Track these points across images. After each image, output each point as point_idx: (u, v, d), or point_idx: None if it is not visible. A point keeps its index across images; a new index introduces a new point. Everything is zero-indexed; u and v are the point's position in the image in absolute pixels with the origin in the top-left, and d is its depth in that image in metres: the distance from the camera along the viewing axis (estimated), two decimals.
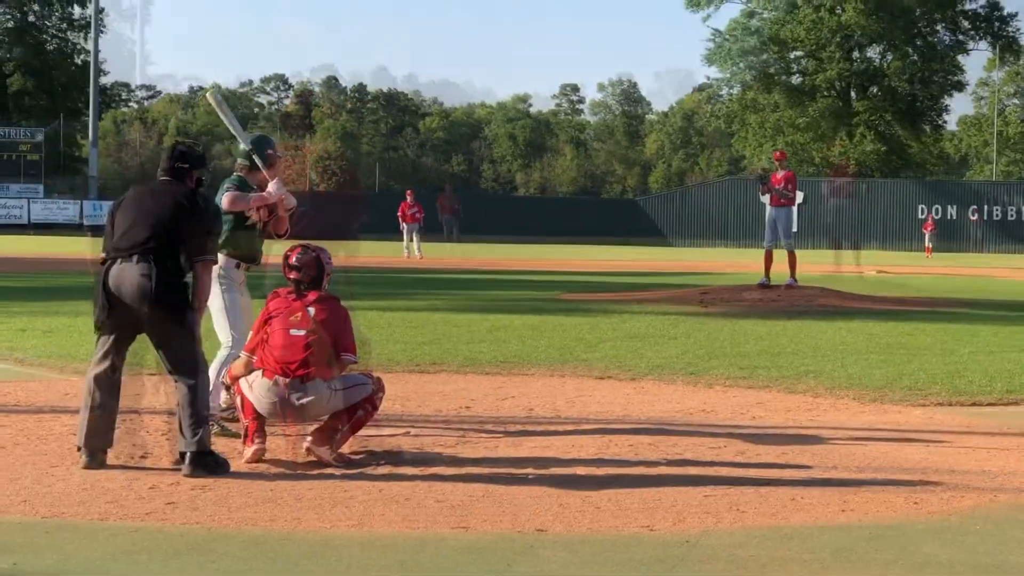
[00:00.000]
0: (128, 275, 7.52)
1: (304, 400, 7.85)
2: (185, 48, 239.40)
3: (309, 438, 7.94)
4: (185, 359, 7.63)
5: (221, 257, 8.66)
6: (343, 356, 8.04)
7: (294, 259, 8.21)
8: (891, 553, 6.05)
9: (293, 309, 8.07)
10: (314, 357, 7.89)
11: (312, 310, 8.06)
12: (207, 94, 9.51)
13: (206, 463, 7.47)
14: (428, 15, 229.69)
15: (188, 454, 7.47)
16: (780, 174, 22.92)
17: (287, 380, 7.85)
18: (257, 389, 7.90)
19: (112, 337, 7.69)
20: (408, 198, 46.04)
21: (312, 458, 7.89)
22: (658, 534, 6.33)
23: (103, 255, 7.67)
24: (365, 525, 6.39)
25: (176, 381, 7.63)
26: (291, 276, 8.21)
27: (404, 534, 6.24)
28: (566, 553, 5.96)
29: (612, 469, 7.91)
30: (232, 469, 7.59)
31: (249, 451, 7.89)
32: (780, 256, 22.93)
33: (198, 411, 7.53)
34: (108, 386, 7.68)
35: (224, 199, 8.92)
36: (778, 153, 24.22)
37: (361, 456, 8.14)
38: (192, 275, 7.66)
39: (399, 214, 45.80)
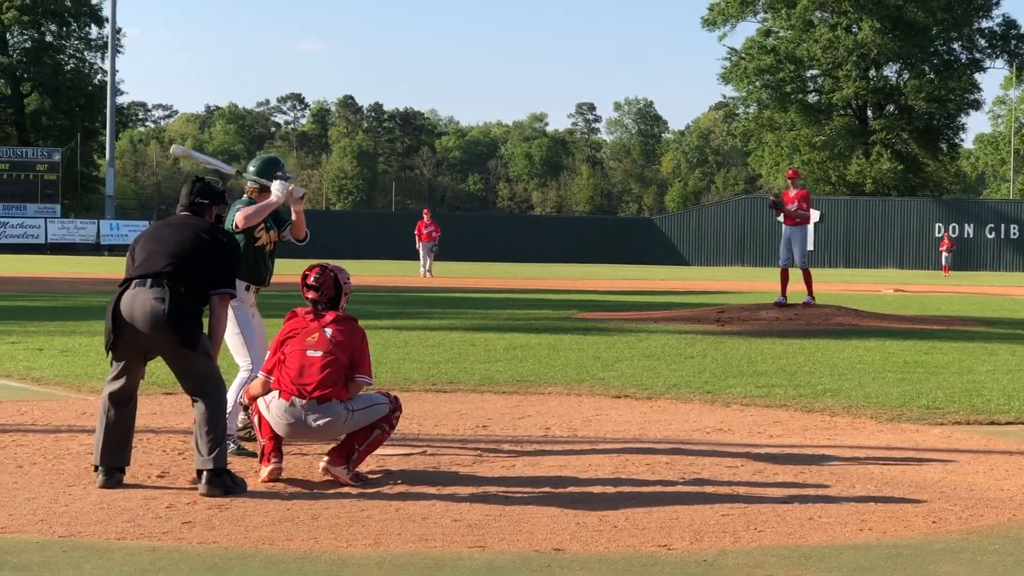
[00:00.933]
0: (141, 300, 7.52)
1: (321, 421, 7.84)
2: (203, 69, 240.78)
3: (326, 458, 7.94)
4: (202, 379, 7.64)
5: None
6: (358, 377, 8.01)
7: (312, 279, 8.18)
8: (909, 572, 6.03)
9: (310, 330, 8.05)
10: (331, 378, 7.88)
11: (329, 331, 8.03)
12: (172, 149, 9.49)
13: (223, 482, 7.47)
14: (436, 30, 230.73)
15: (205, 473, 7.47)
16: (793, 192, 22.85)
17: (304, 401, 7.84)
18: (274, 410, 7.90)
19: (124, 360, 7.69)
20: (425, 217, 46.43)
21: (329, 477, 7.89)
22: (676, 553, 6.31)
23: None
24: (382, 544, 6.39)
25: (194, 400, 7.65)
26: (309, 296, 8.19)
27: (421, 553, 6.24)
28: (583, 572, 5.94)
29: (629, 488, 7.89)
30: (249, 488, 7.59)
31: (266, 470, 7.89)
32: (796, 275, 22.89)
33: (215, 430, 7.54)
34: (123, 405, 7.68)
35: (238, 216, 8.86)
36: (791, 171, 24.05)
37: (378, 475, 8.13)
38: (209, 307, 7.69)
39: (416, 233, 46.11)
